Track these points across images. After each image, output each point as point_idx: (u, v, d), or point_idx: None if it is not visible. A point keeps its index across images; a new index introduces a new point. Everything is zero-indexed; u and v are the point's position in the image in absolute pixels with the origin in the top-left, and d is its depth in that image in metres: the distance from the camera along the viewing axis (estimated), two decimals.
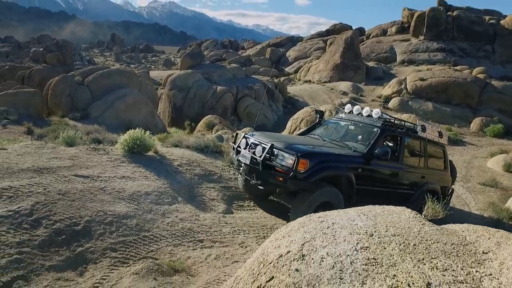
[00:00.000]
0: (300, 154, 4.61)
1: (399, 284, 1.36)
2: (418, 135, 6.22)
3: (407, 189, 6.07)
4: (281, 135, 6.13)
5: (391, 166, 5.77)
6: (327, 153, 5.05)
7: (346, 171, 5.08)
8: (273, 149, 4.88)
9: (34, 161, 4.98)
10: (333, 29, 43.25)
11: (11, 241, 3.15)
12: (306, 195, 4.76)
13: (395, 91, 22.70)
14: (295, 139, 5.82)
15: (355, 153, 5.36)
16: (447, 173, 7.06)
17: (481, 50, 29.93)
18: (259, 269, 1.72)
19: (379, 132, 5.70)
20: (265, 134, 5.81)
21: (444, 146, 6.95)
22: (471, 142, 17.58)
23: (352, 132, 6.12)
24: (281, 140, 5.16)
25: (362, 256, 1.66)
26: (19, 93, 15.40)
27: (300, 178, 4.61)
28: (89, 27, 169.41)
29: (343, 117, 6.50)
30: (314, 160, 4.69)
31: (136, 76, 19.65)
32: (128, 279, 3.01)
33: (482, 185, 10.05)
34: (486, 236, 2.06)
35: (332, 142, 5.71)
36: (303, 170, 4.59)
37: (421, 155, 6.37)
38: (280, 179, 4.71)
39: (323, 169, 4.79)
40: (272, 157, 4.88)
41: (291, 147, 4.87)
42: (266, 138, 5.24)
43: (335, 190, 4.93)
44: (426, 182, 6.39)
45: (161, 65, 53.01)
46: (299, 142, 5.34)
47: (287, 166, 4.68)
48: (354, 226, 2.16)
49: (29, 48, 51.11)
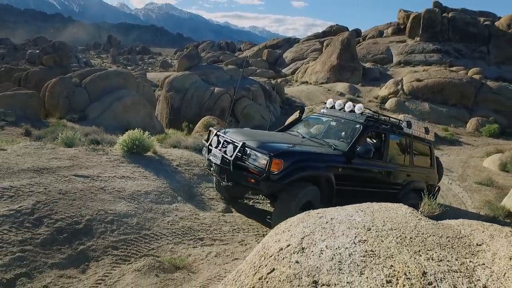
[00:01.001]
0: (273, 153, 4.29)
1: (396, 273, 1.41)
2: (404, 131, 5.92)
3: (392, 189, 5.78)
4: (257, 133, 5.77)
5: (375, 165, 5.47)
6: (303, 152, 4.72)
7: (325, 171, 4.75)
8: (245, 148, 4.55)
9: (34, 161, 5.01)
10: (329, 30, 43.47)
11: (14, 239, 3.18)
12: (291, 197, 4.43)
13: (392, 92, 22.86)
14: (271, 137, 5.44)
15: (335, 151, 5.05)
16: (433, 171, 6.80)
17: (476, 51, 30.19)
18: (260, 261, 1.78)
19: (362, 128, 5.36)
20: (239, 131, 5.44)
21: (431, 143, 6.67)
22: (467, 142, 17.73)
23: (333, 129, 5.77)
24: (255, 138, 4.83)
25: (360, 249, 1.72)
26: (16, 94, 15.37)
27: (274, 180, 4.30)
28: (85, 29, 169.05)
29: (324, 113, 6.11)
30: (289, 160, 4.39)
31: (133, 77, 19.67)
32: (130, 276, 3.05)
33: (478, 184, 10.17)
34: (480, 229, 2.12)
35: (312, 140, 5.37)
36: (277, 171, 4.28)
37: (407, 153, 6.06)
38: (252, 181, 4.40)
39: (299, 169, 4.47)
40: (244, 157, 4.55)
41: (264, 146, 4.54)
42: (239, 136, 4.88)
43: (316, 189, 4.68)
44: (412, 180, 6.11)
45: (158, 67, 52.98)
46: (274, 140, 5.00)
47: (260, 166, 4.36)
48: (352, 221, 2.22)
49: (25, 50, 50.92)
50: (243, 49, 55.08)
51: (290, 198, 4.43)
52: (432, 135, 6.45)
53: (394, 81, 23.62)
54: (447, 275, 1.40)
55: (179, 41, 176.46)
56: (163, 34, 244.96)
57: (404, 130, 5.89)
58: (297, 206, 4.36)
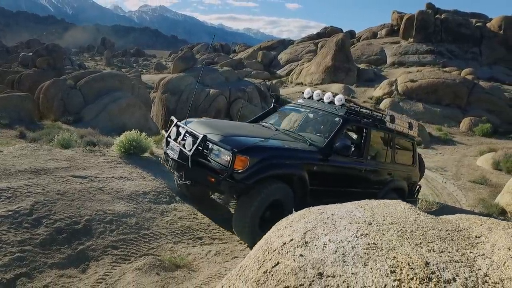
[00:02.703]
0: (237, 149, 3.75)
1: (400, 264, 1.44)
2: (386, 126, 5.39)
3: (371, 188, 5.31)
4: (224, 124, 5.20)
5: (354, 162, 4.97)
6: (274, 148, 4.17)
7: (298, 170, 4.23)
8: (207, 141, 4.00)
9: (31, 162, 4.98)
10: (324, 32, 43.70)
11: (13, 240, 3.17)
12: (252, 196, 3.91)
13: (386, 92, 23.06)
14: (239, 129, 4.85)
15: (310, 147, 4.53)
16: (415, 169, 6.37)
17: (468, 52, 30.59)
18: (264, 256, 1.80)
19: (341, 122, 4.84)
20: (204, 122, 4.86)
21: (414, 139, 6.24)
22: (460, 141, 17.94)
23: (310, 122, 5.25)
24: (219, 131, 4.29)
25: (362, 242, 1.75)
26: (10, 97, 15.23)
27: (238, 180, 3.78)
28: (79, 32, 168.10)
29: (302, 104, 5.52)
30: (256, 157, 3.84)
31: (128, 79, 19.62)
32: (131, 275, 3.05)
33: (472, 183, 10.30)
34: (478, 223, 2.17)
35: (286, 133, 4.85)
36: (242, 169, 3.76)
37: (389, 149, 5.59)
38: (212, 180, 3.88)
39: (268, 167, 3.94)
40: (205, 152, 4.02)
41: (228, 140, 4.00)
42: (202, 128, 4.32)
43: (286, 187, 4.15)
44: (393, 179, 5.66)
45: (153, 69, 52.82)
46: (241, 133, 4.43)
47: (223, 163, 3.85)
48: (352, 216, 2.25)
49: (17, 53, 50.42)
50: (238, 51, 55.14)
51: (251, 198, 3.90)
52: (415, 131, 6.04)
53: (389, 82, 23.83)
54: (449, 265, 1.44)
55: (174, 43, 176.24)
56: (158, 36, 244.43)
57: (387, 124, 5.38)
58: (259, 207, 3.89)
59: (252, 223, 3.94)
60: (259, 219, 3.99)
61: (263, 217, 4.04)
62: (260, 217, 4.00)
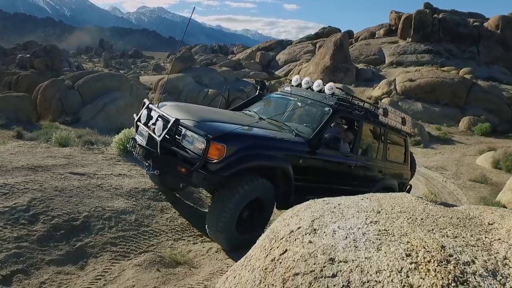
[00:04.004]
0: (212, 135, 3.30)
1: (415, 247, 1.38)
2: (379, 120, 4.99)
3: (361, 186, 4.88)
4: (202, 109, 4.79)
5: (344, 157, 4.60)
6: (255, 136, 3.76)
7: (281, 162, 3.80)
8: (179, 126, 3.55)
9: (28, 159, 4.90)
10: (322, 32, 43.74)
11: (9, 236, 3.09)
12: (229, 193, 3.49)
13: (385, 92, 23.06)
14: (217, 114, 4.39)
15: (297, 138, 4.10)
16: (406, 167, 6.05)
17: (466, 52, 30.68)
18: (271, 244, 1.73)
19: (331, 112, 4.44)
20: (179, 105, 4.40)
21: (406, 136, 5.90)
22: (460, 140, 17.92)
23: (298, 111, 4.86)
24: (194, 115, 3.85)
25: (373, 228, 1.69)
26: (7, 97, 15.14)
27: (212, 171, 3.33)
28: (77, 33, 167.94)
29: (289, 91, 5.13)
30: (234, 145, 3.41)
31: (127, 79, 19.56)
32: (131, 271, 2.97)
33: (472, 182, 10.26)
34: (489, 211, 2.11)
35: (270, 122, 4.43)
36: (217, 158, 3.31)
37: (380, 145, 5.25)
38: (182, 170, 3.42)
39: (248, 158, 3.48)
40: (178, 138, 3.58)
41: (203, 126, 3.54)
42: (176, 111, 3.89)
43: (268, 183, 3.72)
44: (383, 177, 5.32)
45: (151, 70, 52.75)
46: (220, 119, 3.96)
47: (196, 152, 3.40)
48: (360, 206, 2.19)
49: (15, 55, 50.23)
50: (236, 52, 55.15)
51: (228, 195, 3.48)
52: (409, 127, 5.70)
53: (387, 82, 23.84)
54: (466, 249, 1.38)
55: (172, 45, 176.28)
56: (156, 37, 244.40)
57: (380, 118, 4.95)
58: (237, 206, 3.49)
59: (228, 223, 3.49)
60: (237, 219, 3.56)
61: (240, 217, 3.60)
62: (238, 217, 3.56)
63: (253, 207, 3.72)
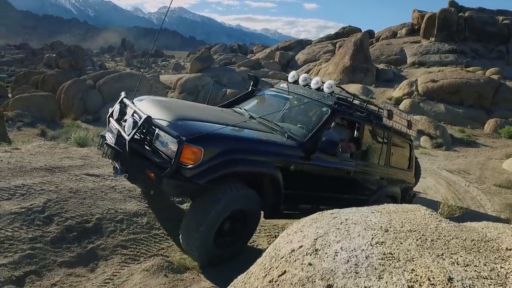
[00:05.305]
0: (186, 137, 2.90)
1: (419, 278, 1.30)
2: (383, 122, 4.60)
3: (361, 195, 4.57)
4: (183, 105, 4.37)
5: (341, 163, 4.15)
6: (239, 138, 3.34)
7: (269, 168, 3.37)
8: (151, 125, 3.15)
9: (47, 160, 5.05)
10: (342, 32, 43.06)
11: (24, 237, 3.18)
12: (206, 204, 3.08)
13: (406, 93, 22.46)
14: (199, 112, 3.91)
15: (289, 141, 3.69)
16: (410, 174, 5.64)
17: (494, 51, 29.42)
18: (270, 263, 1.69)
19: (330, 113, 4.05)
20: (159, 101, 3.96)
21: (412, 140, 5.51)
22: (485, 143, 17.22)
23: (293, 110, 4.45)
24: (172, 112, 3.41)
25: (377, 251, 1.61)
26: (33, 97, 15.73)
27: (186, 177, 2.93)
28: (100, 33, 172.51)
29: (285, 89, 4.74)
30: (212, 148, 2.99)
31: (146, 79, 19.90)
32: (138, 276, 3.00)
33: (498, 187, 9.83)
34: (508, 233, 1.98)
35: (260, 122, 4.02)
36: (192, 163, 2.90)
37: (383, 150, 4.84)
38: (152, 176, 3.00)
39: (229, 163, 3.05)
40: (150, 138, 3.19)
41: (177, 125, 3.11)
42: (153, 108, 3.48)
43: (253, 192, 3.32)
44: (386, 185, 4.90)
45: (171, 69, 53.54)
46: (201, 118, 3.49)
47: (169, 155, 3.00)
48: (368, 222, 2.10)
49: (42, 55, 52.19)
50: (255, 51, 55.12)
51: (207, 205, 3.07)
52: (414, 130, 5.32)
53: (408, 82, 23.21)
54: (476, 282, 1.28)
55: (192, 44, 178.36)
56: (176, 37, 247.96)
57: (384, 121, 4.58)
58: (217, 218, 3.08)
59: (206, 236, 3.09)
60: (215, 233, 3.17)
61: (220, 229, 3.21)
62: (217, 230, 3.17)
63: (236, 219, 3.34)
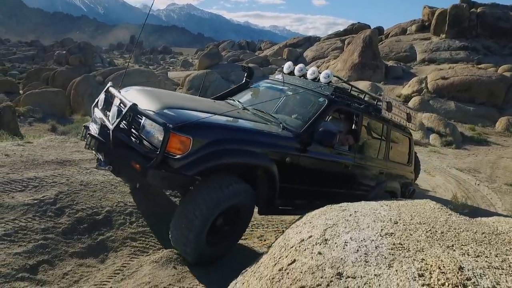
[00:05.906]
0: (173, 125, 2.73)
1: (429, 267, 1.30)
2: (382, 115, 4.48)
3: (359, 190, 4.46)
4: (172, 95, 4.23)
5: (339, 155, 4.01)
6: (231, 128, 3.15)
7: (263, 160, 3.19)
8: (137, 113, 2.97)
9: (58, 154, 5.13)
10: (351, 28, 42.68)
11: (37, 227, 3.24)
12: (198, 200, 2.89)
13: (416, 90, 22.20)
14: (191, 102, 3.69)
15: (284, 132, 3.54)
16: (410, 169, 5.55)
17: (507, 48, 28.87)
18: (280, 253, 1.70)
19: (327, 103, 3.90)
20: (147, 90, 3.75)
21: (411, 134, 5.37)
22: (496, 142, 16.95)
23: (289, 102, 4.28)
24: (160, 101, 3.21)
25: (387, 241, 1.61)
26: (43, 93, 15.96)
27: (174, 168, 2.74)
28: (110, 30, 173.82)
29: (280, 80, 4.63)
30: (203, 137, 2.81)
31: (155, 75, 20.03)
32: (148, 267, 3.04)
33: (509, 186, 9.69)
34: None
35: (255, 113, 3.86)
36: (181, 153, 2.72)
37: (382, 144, 4.72)
38: (137, 167, 2.80)
39: (220, 154, 2.87)
40: (136, 128, 3.02)
41: (164, 113, 2.93)
42: (139, 97, 3.32)
43: (248, 187, 3.14)
44: (385, 180, 4.79)
45: (179, 66, 53.76)
46: (191, 107, 3.29)
47: (155, 144, 2.83)
48: (377, 214, 2.10)
49: (53, 51, 52.84)
50: (263, 48, 54.98)
51: (196, 201, 2.88)
52: (415, 124, 5.19)
53: (418, 79, 22.93)
54: (487, 271, 1.27)
55: (200, 41, 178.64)
56: (185, 34, 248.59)
57: (383, 113, 4.45)
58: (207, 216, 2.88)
59: (197, 233, 2.92)
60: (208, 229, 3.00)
61: (213, 226, 3.06)
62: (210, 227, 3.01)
63: (229, 214, 3.19)
